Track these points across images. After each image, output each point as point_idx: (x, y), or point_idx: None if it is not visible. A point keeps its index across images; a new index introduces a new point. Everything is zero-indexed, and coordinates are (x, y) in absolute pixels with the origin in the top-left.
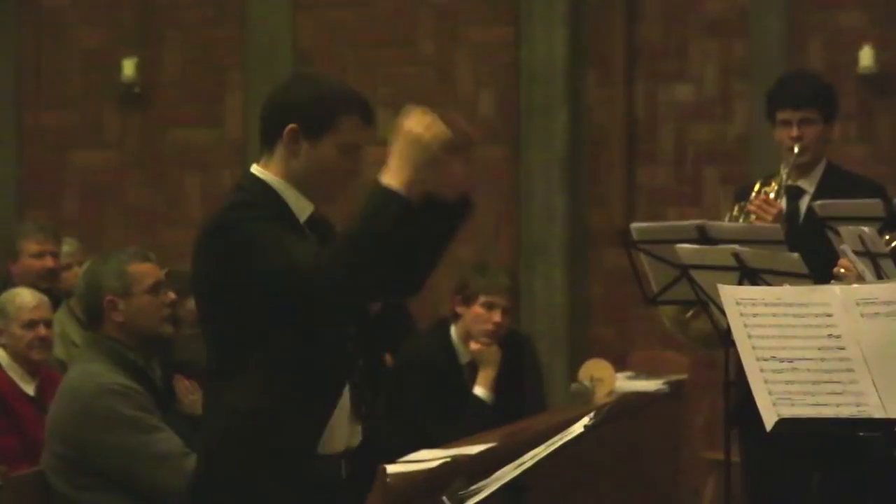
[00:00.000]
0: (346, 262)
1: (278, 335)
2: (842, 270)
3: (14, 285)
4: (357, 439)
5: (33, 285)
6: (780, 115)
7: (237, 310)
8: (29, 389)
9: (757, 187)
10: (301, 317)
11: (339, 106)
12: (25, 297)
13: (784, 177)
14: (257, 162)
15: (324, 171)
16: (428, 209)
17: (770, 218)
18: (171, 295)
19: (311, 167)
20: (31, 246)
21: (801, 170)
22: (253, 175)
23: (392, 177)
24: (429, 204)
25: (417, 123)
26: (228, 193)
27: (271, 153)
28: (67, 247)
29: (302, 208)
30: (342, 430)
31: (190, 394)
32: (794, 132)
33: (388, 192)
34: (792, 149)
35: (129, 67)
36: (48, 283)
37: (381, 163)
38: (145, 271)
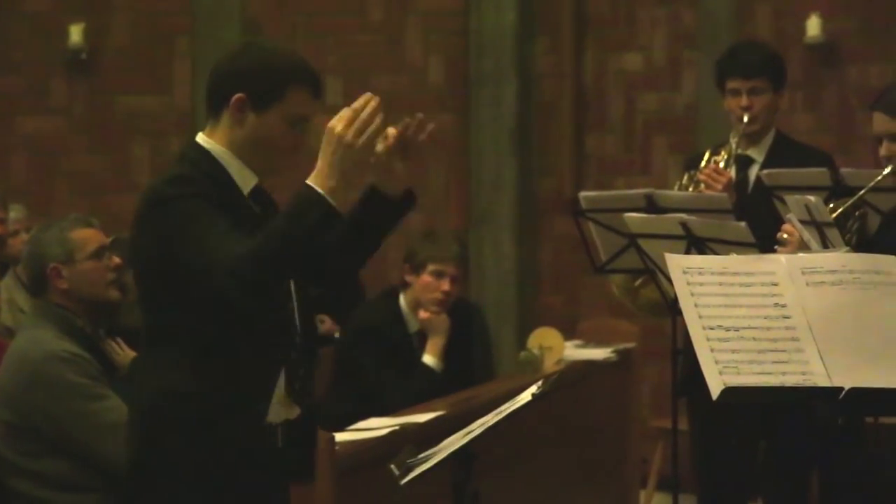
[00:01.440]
0: (257, 268)
1: (204, 314)
2: (784, 235)
3: None
4: (295, 412)
5: None
6: (730, 84)
7: (165, 288)
8: None
9: (706, 156)
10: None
11: (288, 77)
12: None
13: (734, 146)
14: (203, 130)
15: (269, 143)
16: (369, 202)
17: (720, 187)
18: (116, 259)
19: (257, 138)
20: None
21: (751, 139)
22: (197, 144)
23: (317, 179)
24: (371, 197)
25: (341, 122)
26: (172, 162)
27: (217, 121)
28: (14, 213)
29: (245, 180)
30: (278, 405)
31: (120, 356)
32: (744, 101)
33: (309, 196)
34: (741, 118)
35: (76, 33)
36: None
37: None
38: (87, 237)
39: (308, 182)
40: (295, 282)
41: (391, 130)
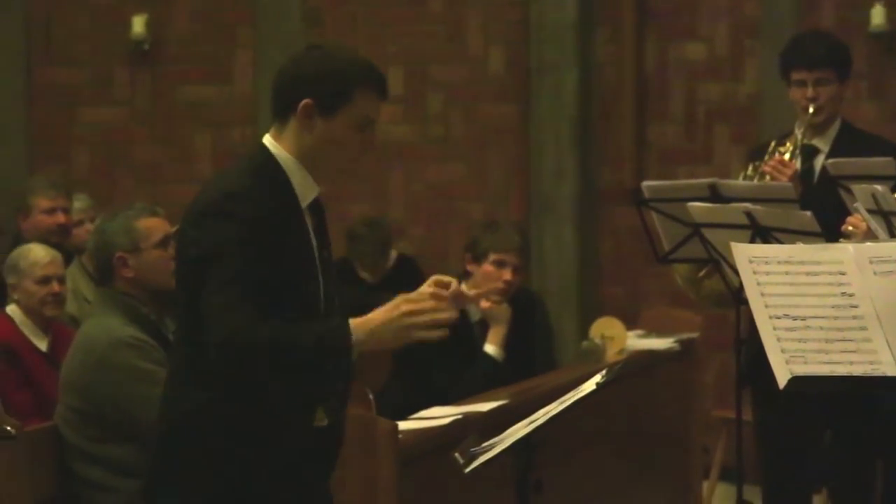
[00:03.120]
0: (247, 352)
1: None
2: (850, 228)
3: (25, 241)
4: (323, 421)
5: (44, 241)
6: (795, 76)
7: (194, 296)
8: (42, 345)
9: (771, 147)
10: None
11: (355, 81)
12: (39, 253)
13: (799, 137)
14: (268, 131)
15: (338, 147)
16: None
17: (785, 178)
18: None
19: (325, 142)
20: (43, 202)
21: (816, 129)
22: (265, 149)
23: (360, 329)
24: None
25: (415, 306)
26: (239, 162)
27: (283, 126)
28: (79, 203)
29: (307, 191)
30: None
31: None
32: (810, 92)
33: (343, 337)
34: (807, 109)
35: (138, 24)
36: (59, 239)
37: (390, 122)
38: (153, 226)
39: (352, 323)
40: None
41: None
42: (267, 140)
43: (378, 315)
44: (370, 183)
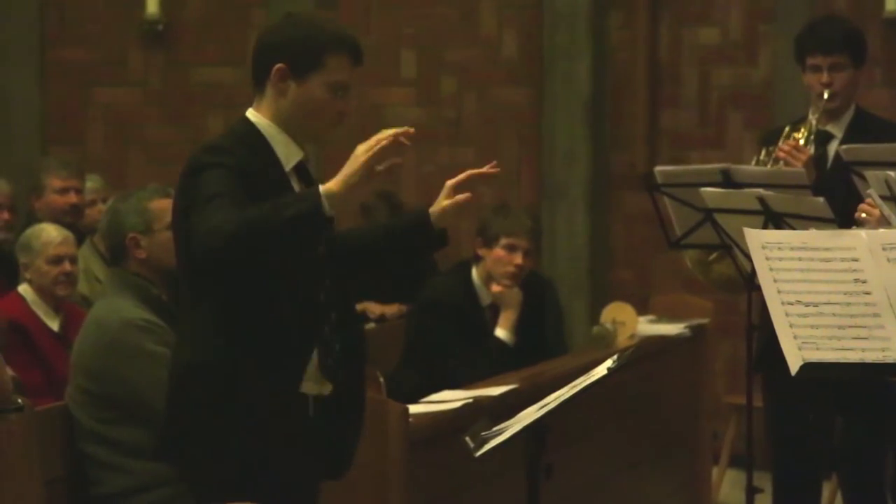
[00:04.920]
0: (227, 239)
1: (231, 283)
2: (863, 215)
3: (38, 221)
4: (327, 389)
5: (57, 221)
6: (810, 61)
7: (188, 257)
8: (53, 325)
9: (785, 132)
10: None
11: (326, 45)
12: (51, 232)
13: (813, 123)
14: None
15: (311, 110)
16: (413, 222)
17: (799, 164)
18: None
19: (299, 106)
20: (55, 182)
21: (831, 115)
22: (245, 119)
23: (328, 184)
24: (417, 218)
25: (365, 145)
26: (220, 134)
27: (262, 94)
28: (91, 183)
29: (290, 155)
30: (310, 380)
31: None
32: (825, 78)
33: (308, 192)
34: (821, 94)
35: (152, 4)
36: (72, 219)
37: (403, 104)
38: (166, 207)
39: (318, 183)
40: (328, 260)
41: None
42: (248, 112)
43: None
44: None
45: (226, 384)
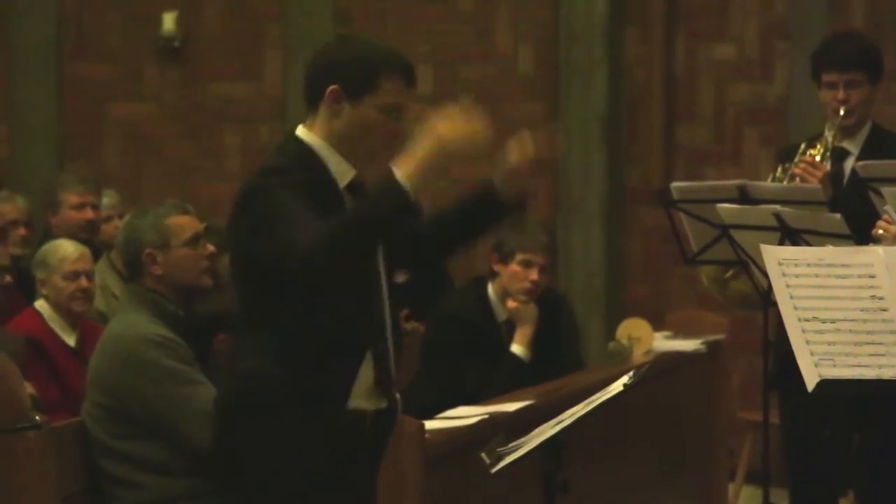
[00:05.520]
0: (329, 250)
1: (292, 301)
2: (880, 231)
3: (54, 237)
4: (382, 403)
5: (73, 237)
6: (826, 77)
7: (253, 274)
8: (70, 341)
9: (801, 149)
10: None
11: (380, 67)
12: (68, 248)
13: (830, 139)
14: (303, 122)
15: (365, 132)
16: (482, 199)
17: (815, 181)
18: (210, 247)
19: (353, 128)
20: (72, 198)
21: (847, 131)
22: (296, 137)
23: (402, 167)
24: (485, 194)
25: (447, 124)
26: (271, 153)
27: (315, 114)
28: (107, 199)
29: (343, 173)
30: (364, 396)
31: None
32: (841, 94)
33: (390, 185)
34: (838, 111)
35: (169, 21)
36: (88, 235)
37: (419, 120)
38: (184, 224)
39: (393, 169)
40: (385, 271)
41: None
42: (299, 130)
43: (415, 147)
44: None
45: (285, 402)
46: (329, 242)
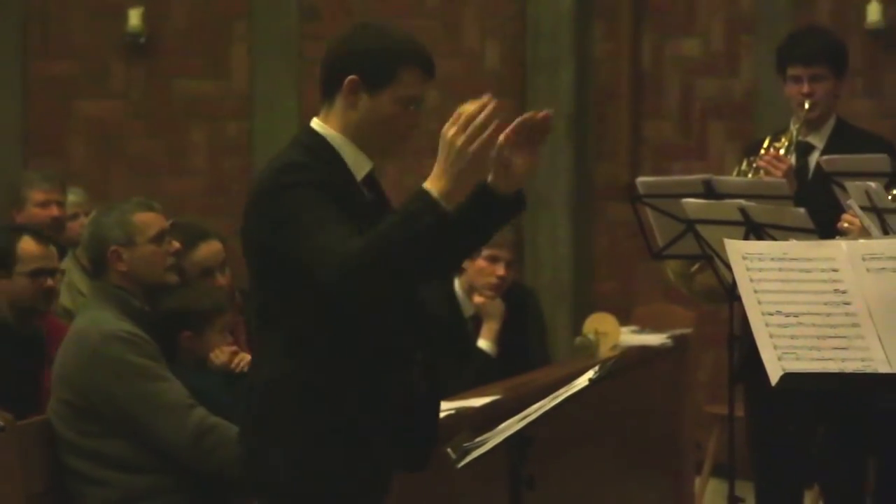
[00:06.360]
0: (367, 265)
1: (310, 307)
2: (845, 225)
3: None
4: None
5: None
6: (791, 71)
7: (273, 278)
8: None
9: (766, 143)
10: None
11: (400, 58)
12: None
13: (794, 133)
14: (269, 119)
15: (383, 124)
16: (480, 201)
17: (780, 174)
18: (176, 244)
19: (370, 119)
20: (37, 195)
21: (811, 126)
22: (312, 129)
23: (433, 183)
24: (482, 195)
25: (453, 127)
26: (286, 147)
27: (331, 105)
28: (73, 196)
29: (360, 165)
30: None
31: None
32: (805, 88)
33: (425, 201)
34: (802, 105)
35: (134, 17)
36: (54, 233)
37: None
38: (149, 221)
39: (424, 186)
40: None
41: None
42: (314, 122)
43: (437, 161)
44: None
45: (315, 396)
46: (367, 254)
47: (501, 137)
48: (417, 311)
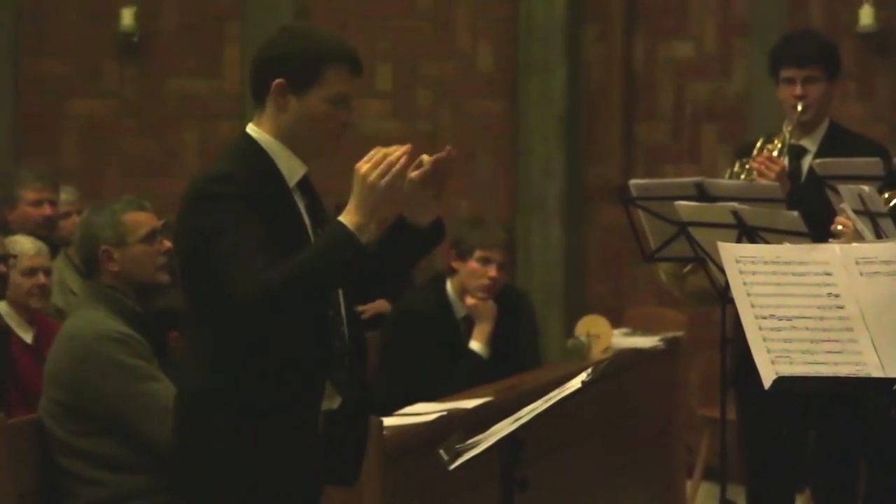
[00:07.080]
0: (281, 295)
1: (230, 319)
2: (839, 227)
3: (12, 233)
4: (336, 402)
5: (31, 233)
6: (784, 73)
7: (200, 281)
8: (27, 338)
9: (759, 145)
10: None
11: (324, 57)
12: (25, 244)
13: (787, 135)
14: (251, 119)
15: (313, 124)
16: (397, 233)
17: (773, 176)
18: (167, 243)
19: (301, 120)
20: (29, 194)
21: (804, 129)
22: (247, 136)
23: (348, 217)
24: (398, 227)
25: (367, 163)
26: (224, 152)
27: (262, 109)
28: (66, 195)
29: (293, 170)
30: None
31: None
32: (798, 90)
33: (340, 234)
34: (795, 107)
35: (127, 16)
36: (46, 232)
37: (378, 117)
38: (140, 220)
39: (339, 219)
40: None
41: (426, 158)
42: (249, 127)
43: (351, 196)
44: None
45: (240, 408)
46: (279, 291)
47: (413, 174)
48: (333, 323)
